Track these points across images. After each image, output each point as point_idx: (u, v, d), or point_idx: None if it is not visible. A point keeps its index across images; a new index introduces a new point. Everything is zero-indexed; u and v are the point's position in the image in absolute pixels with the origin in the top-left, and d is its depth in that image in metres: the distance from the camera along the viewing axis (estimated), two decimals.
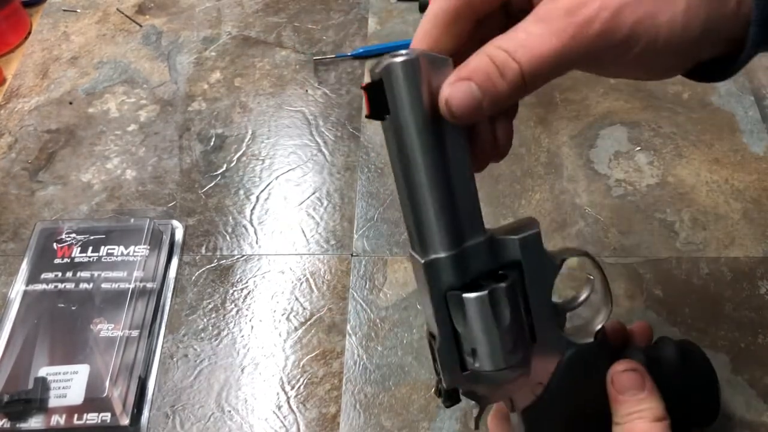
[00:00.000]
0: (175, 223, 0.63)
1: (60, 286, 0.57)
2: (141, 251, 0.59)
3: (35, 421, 0.51)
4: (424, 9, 0.80)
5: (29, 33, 0.82)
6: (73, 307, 0.56)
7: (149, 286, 0.58)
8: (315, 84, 0.75)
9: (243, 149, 0.69)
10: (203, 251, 0.62)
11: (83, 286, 0.57)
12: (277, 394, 0.54)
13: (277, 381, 0.54)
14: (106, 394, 0.51)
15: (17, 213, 0.65)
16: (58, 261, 0.59)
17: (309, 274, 0.60)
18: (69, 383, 0.52)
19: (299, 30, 0.80)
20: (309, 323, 0.57)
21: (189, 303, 0.59)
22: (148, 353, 0.55)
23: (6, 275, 0.61)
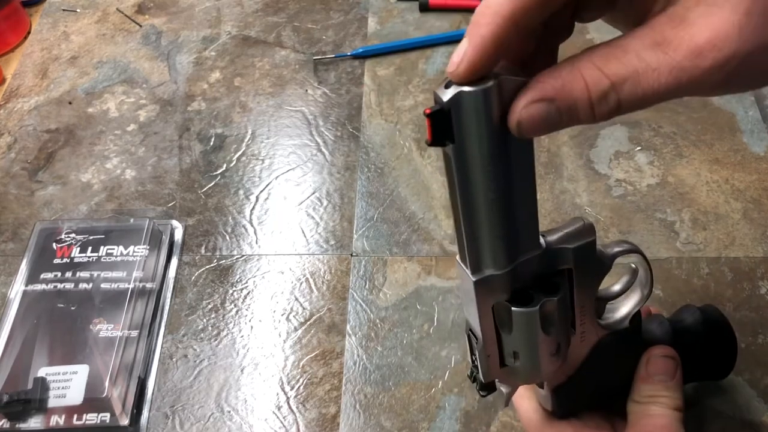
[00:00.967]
0: (175, 223, 0.63)
1: (59, 286, 0.57)
2: (140, 251, 0.59)
3: (35, 422, 0.51)
4: (424, 9, 0.80)
5: (29, 33, 0.82)
6: (73, 307, 0.56)
7: (149, 286, 0.58)
8: (315, 84, 0.75)
9: (243, 149, 0.69)
10: (203, 251, 0.62)
11: (83, 286, 0.57)
12: (277, 394, 0.54)
13: (277, 381, 0.54)
14: (105, 394, 0.51)
15: (17, 213, 0.65)
16: (57, 261, 0.59)
17: (309, 274, 0.60)
18: (68, 383, 0.52)
19: (299, 30, 0.80)
20: (309, 323, 0.57)
21: (188, 303, 0.59)
22: (147, 353, 0.55)
23: (5, 275, 0.61)
